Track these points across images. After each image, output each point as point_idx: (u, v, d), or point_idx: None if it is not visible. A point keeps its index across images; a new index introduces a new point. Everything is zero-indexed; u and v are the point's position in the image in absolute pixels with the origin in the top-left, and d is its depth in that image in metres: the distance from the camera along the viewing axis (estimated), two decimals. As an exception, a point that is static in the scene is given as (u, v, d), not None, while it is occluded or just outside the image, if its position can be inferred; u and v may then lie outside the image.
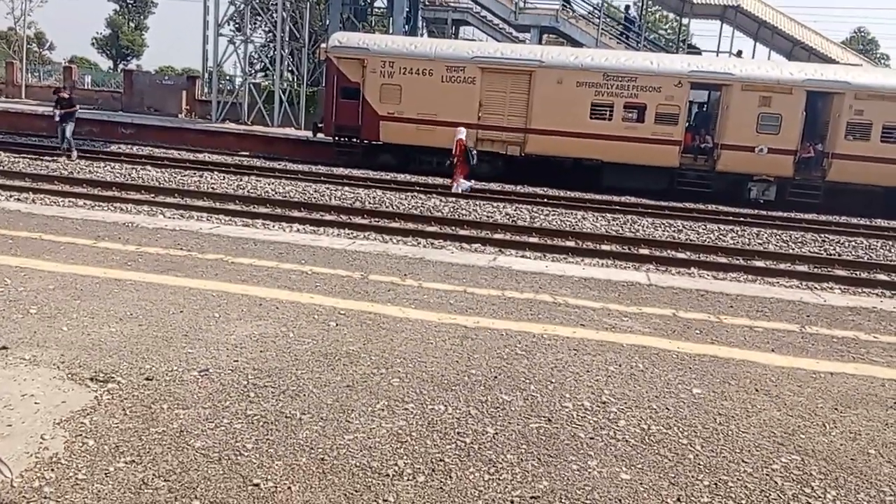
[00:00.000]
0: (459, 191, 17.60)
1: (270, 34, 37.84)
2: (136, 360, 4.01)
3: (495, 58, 21.53)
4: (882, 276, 11.27)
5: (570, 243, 11.94)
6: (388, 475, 2.98)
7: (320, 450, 3.14)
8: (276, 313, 5.03)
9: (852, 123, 19.95)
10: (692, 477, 3.14)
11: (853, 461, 3.40)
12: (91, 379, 3.73)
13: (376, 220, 12.78)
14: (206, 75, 34.82)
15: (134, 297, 5.19)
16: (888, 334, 5.75)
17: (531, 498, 2.89)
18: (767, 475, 3.20)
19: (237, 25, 36.82)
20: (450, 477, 3.00)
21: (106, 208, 11.74)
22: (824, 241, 14.45)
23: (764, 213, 18.33)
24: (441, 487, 2.92)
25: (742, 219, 16.62)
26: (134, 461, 2.97)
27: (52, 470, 2.88)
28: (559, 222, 14.17)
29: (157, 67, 66.24)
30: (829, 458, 3.40)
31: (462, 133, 18.29)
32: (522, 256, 10.07)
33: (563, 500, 2.89)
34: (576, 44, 29.57)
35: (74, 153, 18.29)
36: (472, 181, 18.08)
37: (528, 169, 21.27)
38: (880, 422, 3.91)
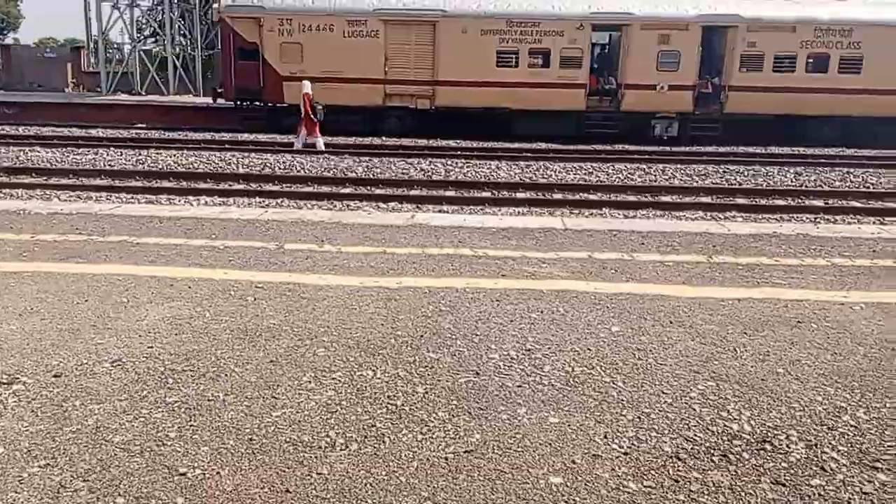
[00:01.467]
0: (300, 146, 16.94)
1: (157, -4, 35.74)
2: (41, 357, 3.78)
3: (398, 9, 21.11)
4: (780, 201, 11.92)
5: (487, 194, 12.02)
6: (320, 447, 2.95)
7: (247, 430, 3.07)
8: (188, 293, 4.84)
9: (746, 55, 20.73)
10: (616, 413, 3.25)
11: (763, 381, 3.60)
12: (-7, 382, 3.50)
13: (288, 185, 12.48)
14: (92, 45, 32.69)
15: (33, 289, 4.88)
16: (788, 257, 6.08)
17: (465, 452, 2.92)
18: (686, 403, 3.35)
19: (120, -11, 34.57)
20: (383, 442, 3.00)
21: (-7, 196, 10.96)
22: (725, 171, 15.11)
23: (668, 149, 18.95)
24: (375, 454, 2.91)
25: (648, 157, 17.15)
26: (49, 464, 2.82)
27: (-42, 484, 2.70)
28: (474, 174, 14.22)
29: (37, 40, 61.80)
30: (741, 381, 3.59)
31: (307, 86, 17.30)
32: (440, 211, 10.07)
33: (495, 451, 2.94)
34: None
35: None
36: (322, 138, 17.30)
37: (440, 122, 21.17)
38: (786, 341, 4.14)
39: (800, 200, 12.06)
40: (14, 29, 69.98)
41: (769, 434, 3.07)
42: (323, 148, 16.98)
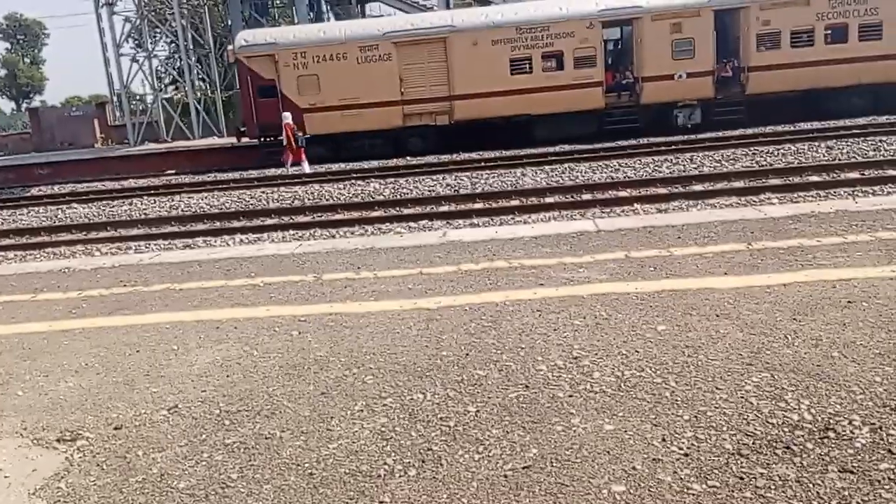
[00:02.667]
0: (290, 171, 18.72)
1: (173, 45, 36.62)
2: (100, 411, 3.89)
3: (407, 30, 21.32)
4: (814, 178, 11.69)
5: (515, 202, 12.02)
6: (379, 476, 2.97)
7: (307, 465, 3.10)
8: (235, 333, 4.92)
9: (762, 35, 20.47)
10: (672, 414, 3.22)
11: (819, 367, 3.52)
12: (58, 440, 3.60)
13: (319, 215, 12.63)
14: (115, 99, 33.60)
15: (85, 345, 5.01)
16: (830, 235, 5.96)
17: (523, 468, 2.92)
18: (742, 397, 3.30)
19: (137, 41, 35.53)
20: (441, 464, 3.01)
21: (38, 257, 11.31)
22: (755, 153, 14.89)
23: (694, 137, 18.74)
24: (434, 477, 2.92)
25: (674, 147, 16.98)
26: (119, 516, 2.89)
27: (36, 544, 2.78)
28: (500, 183, 14.24)
29: (63, 100, 63.74)
30: (796, 369, 3.52)
31: (287, 118, 19.11)
32: (471, 225, 10.10)
33: (553, 464, 2.92)
34: (486, 2, 29.43)
35: None
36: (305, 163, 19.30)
37: (461, 136, 21.25)
38: (838, 323, 4.05)
39: (835, 175, 11.82)
40: (40, 92, 72.29)
41: (831, 421, 3.01)
42: (308, 171, 18.60)
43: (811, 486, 2.60)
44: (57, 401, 4.09)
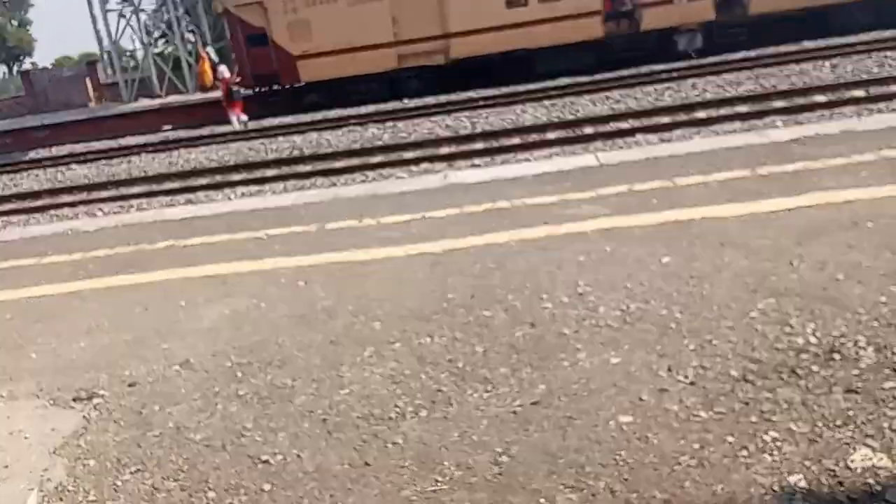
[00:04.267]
0: (238, 126, 18.23)
1: (160, -3, 35.68)
2: (114, 369, 3.94)
3: (397, -32, 20.67)
4: (819, 97, 11.49)
5: (516, 140, 11.88)
6: (391, 418, 3.03)
7: (319, 411, 3.16)
8: (242, 287, 4.95)
9: (762, -51, 19.77)
10: (678, 344, 3.24)
11: (825, 290, 3.52)
12: (74, 399, 3.67)
13: (319, 163, 12.53)
14: (106, 56, 33.03)
15: (94, 306, 5.06)
16: (835, 157, 5.86)
17: (532, 404, 2.96)
18: (748, 324, 3.31)
19: (122, -5, 34.60)
20: (451, 404, 3.06)
21: (41, 220, 11.33)
22: (758, 76, 14.61)
23: (696, 62, 18.34)
24: (445, 416, 2.97)
25: (676, 74, 16.63)
26: (139, 469, 2.97)
27: (61, 499, 2.86)
28: (500, 122, 14.05)
29: (53, 60, 62.68)
30: (802, 294, 3.52)
31: (224, 71, 18.63)
32: (473, 167, 10.01)
33: (561, 398, 2.97)
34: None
35: None
36: (246, 116, 18.79)
37: (460, 75, 20.80)
38: (843, 245, 4.03)
39: (840, 94, 11.60)
40: (29, 54, 70.96)
41: (836, 343, 3.02)
42: (237, 128, 18.29)
43: (816, 407, 2.63)
44: (70, 361, 4.16)
